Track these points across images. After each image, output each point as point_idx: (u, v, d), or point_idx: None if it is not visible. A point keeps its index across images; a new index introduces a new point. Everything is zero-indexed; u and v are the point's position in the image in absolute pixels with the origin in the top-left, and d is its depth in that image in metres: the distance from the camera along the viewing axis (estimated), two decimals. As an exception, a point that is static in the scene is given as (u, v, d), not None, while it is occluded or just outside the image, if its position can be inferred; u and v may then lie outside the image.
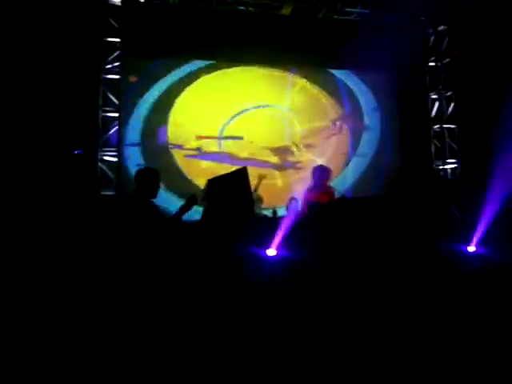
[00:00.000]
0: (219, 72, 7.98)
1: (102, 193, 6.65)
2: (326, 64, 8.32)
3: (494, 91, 7.52)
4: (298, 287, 4.08)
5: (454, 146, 8.07)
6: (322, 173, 5.20)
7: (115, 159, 6.86)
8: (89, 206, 6.30)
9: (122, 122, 7.12)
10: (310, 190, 5.18)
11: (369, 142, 8.49)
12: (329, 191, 5.18)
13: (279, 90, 8.23)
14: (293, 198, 6.16)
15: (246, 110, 7.99)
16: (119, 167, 6.90)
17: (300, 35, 7.77)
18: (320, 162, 6.67)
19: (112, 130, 6.90)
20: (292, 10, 7.67)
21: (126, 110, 7.23)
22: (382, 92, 8.64)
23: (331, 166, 5.47)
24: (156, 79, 7.61)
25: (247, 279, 3.99)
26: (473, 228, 5.49)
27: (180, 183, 7.31)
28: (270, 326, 3.39)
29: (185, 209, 3.85)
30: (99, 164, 6.74)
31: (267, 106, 8.12)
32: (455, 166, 8.04)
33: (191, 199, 3.89)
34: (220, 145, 7.80)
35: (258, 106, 8.06)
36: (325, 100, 8.39)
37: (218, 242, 4.23)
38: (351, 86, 8.57)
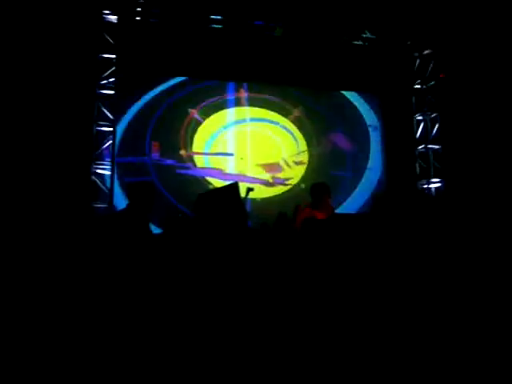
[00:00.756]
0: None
1: (95, 205, 6.76)
2: (319, 84, 8.56)
3: (478, 113, 7.79)
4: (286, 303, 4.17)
5: (438, 165, 8.32)
6: (320, 190, 5.19)
7: (108, 172, 6.99)
8: (81, 218, 6.38)
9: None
10: (308, 206, 5.17)
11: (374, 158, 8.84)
12: (327, 209, 5.13)
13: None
14: (282, 214, 6.26)
15: (243, 120, 8.26)
16: (112, 180, 7.02)
17: (292, 55, 8.04)
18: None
19: (106, 144, 7.06)
20: (283, 33, 7.90)
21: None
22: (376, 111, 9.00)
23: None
24: (143, 93, 7.79)
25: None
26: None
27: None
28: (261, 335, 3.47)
29: (169, 230, 3.84)
30: (92, 177, 6.86)
31: (260, 120, 8.37)
32: (439, 185, 8.29)
33: (174, 221, 3.88)
34: (209, 160, 7.98)
35: (252, 119, 8.32)
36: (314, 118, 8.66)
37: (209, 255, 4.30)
38: (355, 104, 8.93)
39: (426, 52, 8.51)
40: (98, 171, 6.96)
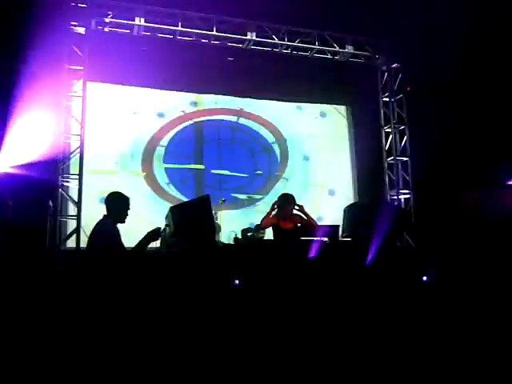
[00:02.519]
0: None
1: (61, 219, 6.59)
2: (289, 96, 8.69)
3: (444, 125, 7.95)
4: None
5: (406, 177, 8.44)
6: (285, 200, 5.24)
7: (76, 186, 6.80)
8: (48, 231, 6.24)
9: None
10: (274, 216, 5.20)
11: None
12: (294, 218, 5.25)
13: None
14: (256, 225, 6.24)
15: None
16: (80, 193, 6.78)
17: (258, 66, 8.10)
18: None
19: (74, 156, 6.89)
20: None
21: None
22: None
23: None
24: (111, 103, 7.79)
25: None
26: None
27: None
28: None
29: (148, 242, 3.73)
30: (60, 190, 6.67)
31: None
32: (408, 196, 8.41)
33: (155, 233, 3.77)
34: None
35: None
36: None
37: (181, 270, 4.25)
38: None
39: (393, 66, 8.67)
40: (65, 184, 6.78)
